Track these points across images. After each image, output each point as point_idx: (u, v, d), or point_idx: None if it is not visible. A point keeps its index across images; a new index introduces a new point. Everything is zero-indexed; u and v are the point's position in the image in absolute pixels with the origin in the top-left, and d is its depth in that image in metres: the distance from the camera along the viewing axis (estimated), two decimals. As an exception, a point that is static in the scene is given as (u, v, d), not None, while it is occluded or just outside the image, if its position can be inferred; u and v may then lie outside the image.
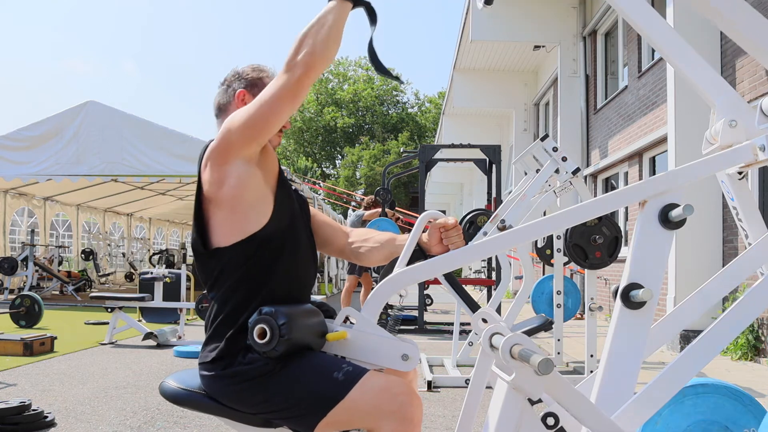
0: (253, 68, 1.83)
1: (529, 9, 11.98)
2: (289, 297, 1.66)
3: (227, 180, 1.62)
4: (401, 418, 1.49)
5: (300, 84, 1.51)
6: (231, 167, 1.61)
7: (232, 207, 1.63)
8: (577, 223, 1.64)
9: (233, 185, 1.61)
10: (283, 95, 1.53)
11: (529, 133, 16.18)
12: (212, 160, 1.64)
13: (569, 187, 4.66)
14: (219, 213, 1.65)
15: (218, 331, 1.64)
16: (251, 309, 1.58)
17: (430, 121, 40.43)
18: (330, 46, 1.52)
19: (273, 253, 1.65)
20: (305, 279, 1.76)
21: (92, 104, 10.10)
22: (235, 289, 1.63)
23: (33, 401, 3.43)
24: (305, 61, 1.50)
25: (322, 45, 1.51)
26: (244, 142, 1.59)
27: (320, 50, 1.51)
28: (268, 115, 1.55)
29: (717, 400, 1.92)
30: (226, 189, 1.62)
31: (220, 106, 1.83)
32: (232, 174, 1.61)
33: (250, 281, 1.63)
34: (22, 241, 13.20)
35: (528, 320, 1.69)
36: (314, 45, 1.50)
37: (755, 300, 1.55)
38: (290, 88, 1.52)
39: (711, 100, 1.63)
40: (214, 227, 1.66)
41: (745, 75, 6.45)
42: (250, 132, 1.57)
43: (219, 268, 1.65)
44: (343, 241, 1.93)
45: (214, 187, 1.64)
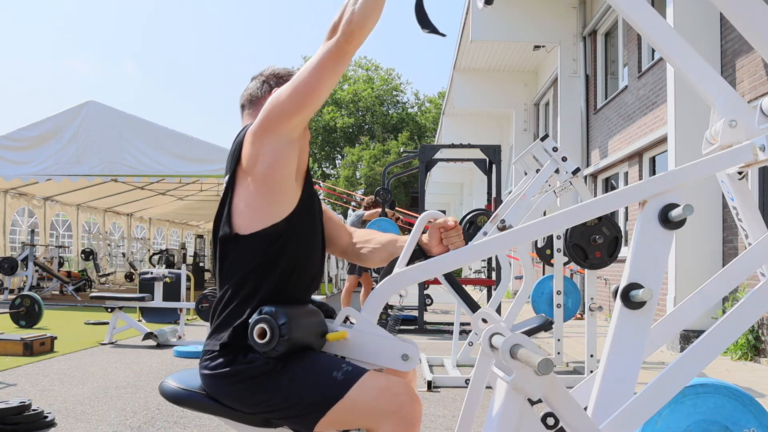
0: (289, 72, 1.84)
1: (529, 9, 11.98)
2: (297, 292, 1.67)
3: (266, 154, 1.61)
4: (401, 419, 1.49)
5: (341, 51, 1.51)
6: (272, 141, 1.61)
7: (263, 184, 1.63)
8: (577, 223, 1.64)
9: (270, 160, 1.61)
10: (326, 63, 1.52)
11: (529, 133, 16.18)
12: (255, 134, 1.63)
13: (569, 187, 4.66)
14: (247, 193, 1.64)
15: (227, 320, 1.62)
16: (260, 300, 1.58)
17: (430, 121, 40.43)
18: (370, 14, 1.50)
19: (291, 245, 1.65)
20: (317, 273, 1.76)
21: (92, 104, 10.10)
22: (250, 276, 1.63)
23: (33, 401, 3.43)
24: (345, 29, 1.49)
25: (361, 13, 1.49)
26: (289, 114, 1.58)
27: (359, 18, 1.49)
28: (312, 83, 1.54)
29: (717, 400, 1.92)
30: (262, 163, 1.62)
31: (251, 99, 1.83)
32: (271, 148, 1.61)
33: (265, 268, 1.63)
34: (22, 241, 13.21)
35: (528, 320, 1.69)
36: (353, 13, 1.49)
37: (756, 303, 1.55)
38: (332, 56, 1.51)
39: (711, 100, 1.63)
40: (237, 213, 1.65)
41: (745, 75, 6.45)
42: (295, 103, 1.57)
43: (237, 254, 1.65)
44: (346, 241, 1.93)
45: (251, 161, 1.63)
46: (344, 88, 40.48)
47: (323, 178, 39.51)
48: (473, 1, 11.35)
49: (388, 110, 40.89)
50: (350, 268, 7.84)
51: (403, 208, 18.47)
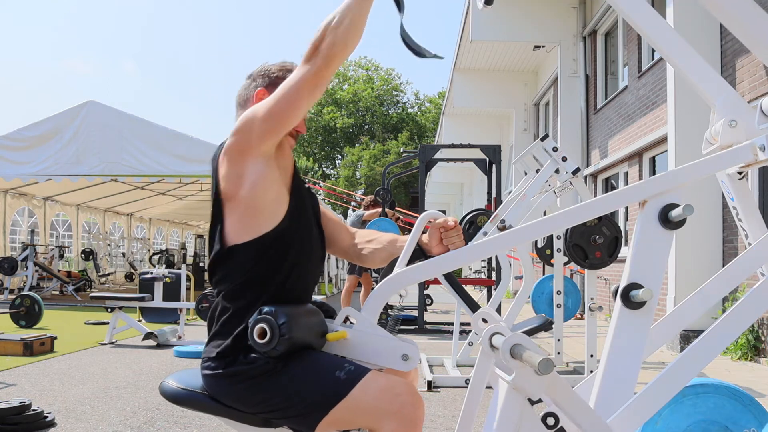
0: (279, 67, 1.80)
1: (529, 9, 11.98)
2: (297, 295, 1.66)
3: (245, 177, 1.61)
4: (403, 418, 1.49)
5: (319, 75, 1.50)
6: (249, 164, 1.60)
7: (249, 205, 1.62)
8: (577, 223, 1.64)
9: (251, 183, 1.61)
10: (303, 86, 1.51)
11: (529, 133, 16.18)
12: (230, 156, 1.63)
13: (569, 187, 4.66)
14: (235, 211, 1.64)
15: (225, 327, 1.63)
16: (260, 306, 1.58)
17: (430, 121, 40.44)
18: (351, 37, 1.50)
19: (286, 252, 1.65)
20: (314, 278, 1.76)
21: (92, 104, 10.10)
22: (246, 286, 1.63)
23: (33, 401, 3.43)
24: (325, 53, 1.48)
25: (343, 36, 1.48)
26: (264, 135, 1.58)
27: (341, 41, 1.48)
28: (288, 106, 1.54)
29: (717, 400, 1.92)
30: (244, 187, 1.61)
31: (240, 99, 1.82)
32: (250, 172, 1.60)
33: (260, 279, 1.63)
34: (22, 241, 13.21)
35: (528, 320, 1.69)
36: (335, 36, 1.48)
37: (755, 302, 1.55)
38: (309, 80, 1.50)
39: (711, 100, 1.63)
40: (229, 224, 1.65)
41: (745, 75, 6.45)
42: (269, 124, 1.56)
43: (231, 265, 1.65)
44: (348, 242, 1.93)
45: (232, 184, 1.63)
46: (344, 88, 40.49)
47: (323, 178, 39.51)
48: (473, 1, 11.35)
49: (388, 110, 40.90)
50: (350, 268, 7.83)
51: (403, 208, 18.47)
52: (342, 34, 1.48)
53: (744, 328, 1.56)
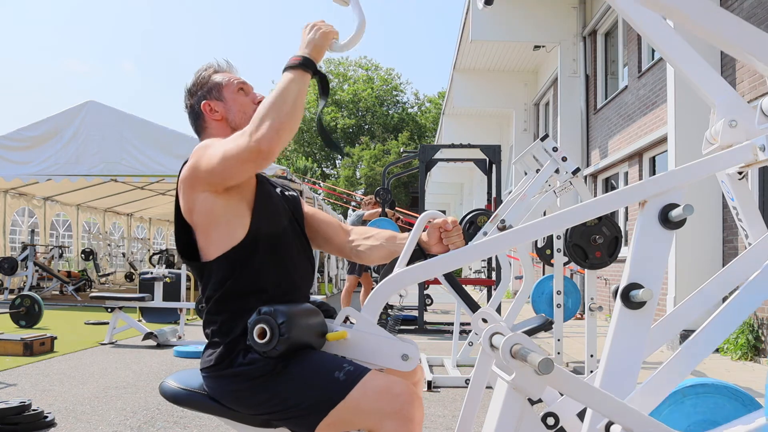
0: (199, 74, 1.84)
1: (529, 9, 11.98)
2: (283, 299, 1.66)
3: (196, 207, 1.65)
4: (402, 418, 1.49)
5: (264, 156, 1.51)
6: (199, 195, 1.64)
7: (206, 230, 1.66)
8: (577, 223, 1.63)
9: (203, 212, 1.64)
10: (246, 161, 1.53)
11: (529, 133, 16.18)
12: (183, 185, 1.67)
13: (569, 187, 4.65)
14: (197, 231, 1.68)
15: (216, 338, 1.65)
16: (246, 316, 1.58)
17: (430, 121, 40.43)
18: (295, 118, 1.54)
19: (259, 259, 1.66)
20: (299, 279, 1.75)
21: (92, 104, 10.10)
22: (227, 298, 1.65)
23: (33, 401, 3.43)
24: (270, 136, 1.50)
25: (288, 118, 1.52)
26: (209, 185, 1.62)
27: (287, 124, 1.52)
28: (230, 173, 1.57)
29: (717, 400, 1.92)
30: (196, 215, 1.66)
31: (197, 130, 1.85)
32: (200, 202, 1.64)
33: (240, 289, 1.64)
34: (22, 241, 13.20)
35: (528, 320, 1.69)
36: (281, 120, 1.51)
37: (752, 293, 1.55)
38: (253, 158, 1.52)
39: (711, 100, 1.63)
40: (199, 242, 1.69)
41: (745, 75, 6.45)
42: (213, 180, 1.60)
43: (209, 279, 1.68)
44: (342, 239, 1.92)
45: (187, 212, 1.68)
46: (344, 89, 40.47)
47: (323, 178, 39.51)
48: (473, 1, 11.35)
49: (388, 110, 40.89)
50: (350, 268, 7.83)
51: (403, 208, 18.48)
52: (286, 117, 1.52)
53: (739, 323, 1.56)
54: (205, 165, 1.60)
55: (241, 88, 1.81)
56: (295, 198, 1.87)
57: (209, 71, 1.83)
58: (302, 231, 1.83)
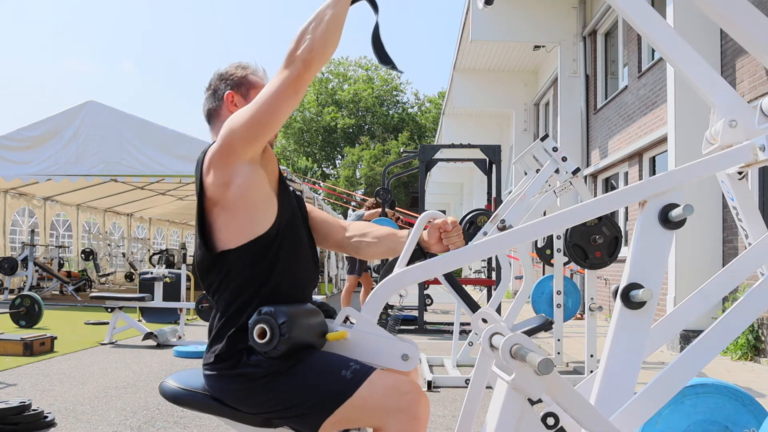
0: (235, 67, 1.83)
1: (529, 9, 11.98)
2: (291, 297, 1.66)
3: (233, 181, 1.60)
4: (409, 417, 1.49)
5: (300, 80, 1.50)
6: (236, 169, 1.60)
7: (238, 209, 1.62)
8: (577, 223, 1.63)
9: (240, 187, 1.60)
10: (284, 92, 1.52)
11: (529, 133, 16.18)
12: (215, 163, 1.63)
13: (569, 187, 4.65)
14: (224, 215, 1.64)
15: (220, 332, 1.63)
16: (253, 309, 1.58)
17: (430, 121, 40.42)
18: (329, 41, 1.50)
19: (277, 254, 1.65)
20: (307, 279, 1.76)
21: (92, 104, 10.10)
22: (240, 291, 1.63)
23: (33, 401, 3.43)
24: (304, 57, 1.49)
25: (321, 41, 1.49)
26: (248, 142, 1.58)
27: (319, 46, 1.49)
28: (270, 112, 1.54)
29: (717, 400, 1.92)
30: (232, 191, 1.61)
31: (210, 112, 1.83)
32: (237, 175, 1.60)
33: (254, 283, 1.63)
34: (22, 241, 13.20)
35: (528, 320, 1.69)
36: (313, 41, 1.49)
37: (755, 301, 1.54)
38: (290, 85, 1.51)
39: (711, 100, 1.63)
40: (218, 230, 1.65)
41: (745, 75, 6.45)
42: (253, 131, 1.56)
43: (224, 271, 1.65)
44: (340, 236, 1.92)
45: (220, 190, 1.62)
46: (344, 89, 40.47)
47: (323, 178, 39.50)
48: (473, 1, 11.35)
49: (388, 110, 40.88)
50: (350, 268, 7.83)
51: (403, 208, 18.47)
52: (320, 38, 1.49)
53: (743, 328, 1.55)
54: (243, 119, 1.56)
55: None
56: (300, 197, 1.88)
57: (246, 70, 1.83)
58: (309, 229, 1.83)
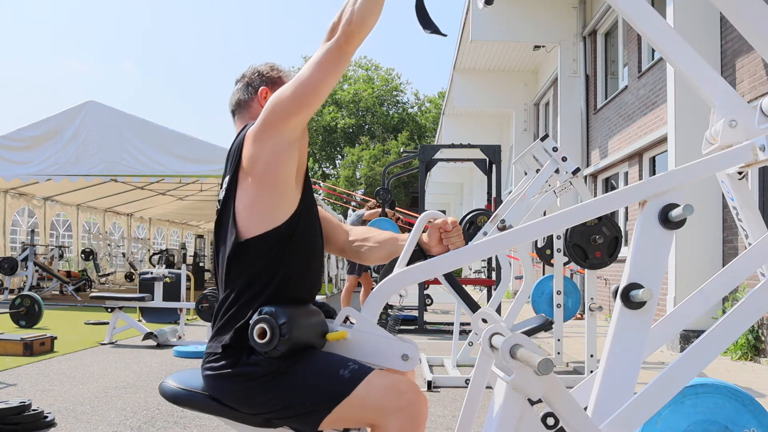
0: (271, 68, 1.87)
1: (529, 9, 11.98)
2: (300, 294, 1.67)
3: (266, 153, 1.61)
4: (408, 416, 1.49)
5: (342, 51, 1.53)
6: (272, 141, 1.61)
7: (265, 187, 1.63)
8: (577, 223, 1.63)
9: (272, 162, 1.61)
10: (327, 63, 1.54)
11: (529, 133, 16.18)
12: (256, 135, 1.63)
13: (569, 187, 4.66)
14: (250, 193, 1.64)
15: (229, 322, 1.62)
16: (261, 303, 1.58)
17: (430, 121, 40.43)
18: (368, 14, 1.52)
19: (293, 248, 1.65)
20: (316, 277, 1.76)
21: (92, 104, 10.10)
22: (252, 282, 1.63)
23: (33, 401, 3.43)
24: (345, 29, 1.51)
25: (360, 14, 1.51)
26: (290, 114, 1.59)
27: (358, 19, 1.51)
28: (313, 85, 1.56)
29: (717, 400, 1.92)
30: (265, 164, 1.62)
31: (239, 103, 1.84)
32: (273, 151, 1.61)
33: (266, 275, 1.63)
34: (22, 241, 13.20)
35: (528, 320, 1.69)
36: (353, 14, 1.51)
37: (755, 303, 1.54)
38: (333, 56, 1.53)
39: (711, 100, 1.63)
40: (240, 215, 1.65)
41: (745, 75, 6.45)
42: (295, 103, 1.58)
43: (244, 261, 1.64)
44: (343, 239, 1.93)
45: (254, 161, 1.63)
46: (344, 88, 40.48)
47: (323, 178, 39.52)
48: (473, 1, 11.35)
49: (388, 110, 40.89)
50: (350, 268, 7.83)
51: (403, 208, 18.48)
52: (359, 11, 1.51)
53: (744, 329, 1.55)
54: (288, 91, 1.58)
55: None
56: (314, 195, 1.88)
57: (281, 73, 1.87)
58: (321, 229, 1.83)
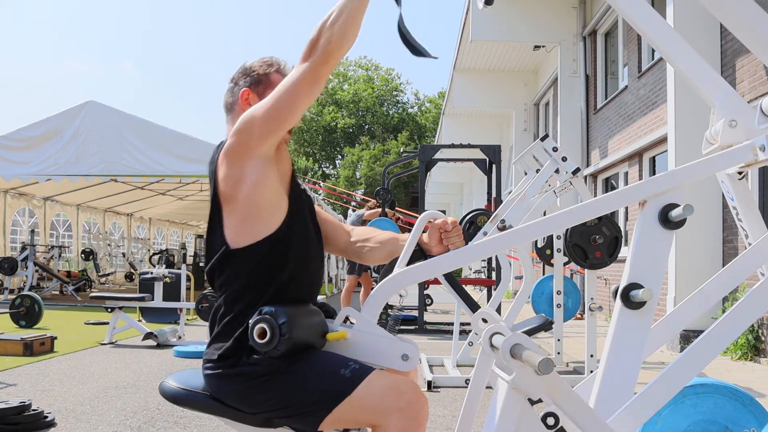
0: (261, 63, 1.81)
1: (529, 9, 11.98)
2: (299, 297, 1.66)
3: (245, 178, 1.60)
4: (408, 416, 1.49)
5: (317, 73, 1.51)
6: (249, 165, 1.60)
7: (247, 207, 1.62)
8: (577, 223, 1.63)
9: (251, 184, 1.60)
10: (301, 85, 1.52)
11: (529, 133, 16.18)
12: (229, 157, 1.62)
13: (569, 187, 4.66)
14: (234, 213, 1.64)
15: (226, 330, 1.63)
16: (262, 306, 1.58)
17: (430, 121, 40.43)
18: (347, 34, 1.51)
19: (285, 255, 1.65)
20: (315, 279, 1.76)
21: (92, 104, 10.10)
22: (246, 289, 1.63)
23: (33, 401, 3.43)
24: (322, 50, 1.49)
25: (339, 33, 1.49)
26: (263, 136, 1.58)
27: (337, 39, 1.49)
28: (287, 106, 1.54)
29: (717, 400, 1.92)
30: (244, 188, 1.61)
31: (227, 105, 1.83)
32: (250, 172, 1.60)
33: (261, 282, 1.63)
34: (22, 241, 13.20)
35: (528, 320, 1.69)
36: (332, 33, 1.49)
37: (755, 302, 1.54)
38: (308, 78, 1.51)
39: (711, 100, 1.63)
40: (228, 227, 1.65)
41: (745, 75, 6.45)
42: (269, 125, 1.56)
43: (232, 268, 1.65)
44: (345, 240, 1.93)
45: (230, 185, 1.62)
46: (344, 89, 40.48)
47: (323, 178, 39.50)
48: (473, 1, 11.35)
49: (388, 110, 40.89)
50: (350, 268, 7.83)
51: (403, 208, 18.47)
52: (338, 31, 1.49)
53: (744, 329, 1.56)
54: (260, 112, 1.56)
55: None
56: (309, 196, 1.87)
57: (271, 67, 1.80)
58: (318, 230, 1.83)
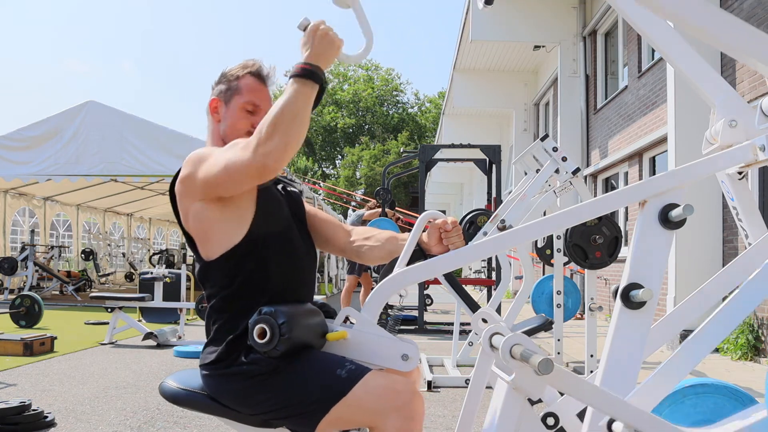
0: (238, 66, 1.81)
1: (529, 9, 11.98)
2: (287, 299, 1.66)
3: (190, 216, 1.66)
4: (404, 416, 1.49)
5: (270, 171, 1.49)
6: (193, 205, 1.65)
7: (203, 236, 1.67)
8: (577, 223, 1.63)
9: (198, 220, 1.66)
10: (250, 176, 1.52)
11: (529, 133, 16.18)
12: (177, 194, 1.69)
13: (569, 187, 4.65)
14: (195, 230, 1.69)
15: (219, 335, 1.65)
16: (249, 314, 1.58)
17: (430, 121, 40.43)
18: (302, 132, 1.51)
19: (262, 260, 1.66)
20: (302, 280, 1.76)
21: (92, 104, 10.10)
22: (230, 297, 1.65)
23: (33, 401, 3.43)
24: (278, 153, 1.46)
25: (296, 133, 1.48)
26: (203, 195, 1.62)
27: (294, 139, 1.48)
28: (230, 185, 1.57)
29: (717, 400, 1.92)
30: (192, 223, 1.67)
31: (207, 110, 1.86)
32: (194, 211, 1.65)
33: (243, 288, 1.65)
34: (22, 241, 13.20)
35: (528, 320, 1.69)
36: (288, 135, 1.46)
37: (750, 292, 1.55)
38: (258, 174, 1.50)
39: (711, 100, 1.63)
40: (198, 242, 1.70)
41: (745, 75, 6.45)
42: (209, 191, 1.61)
43: (212, 278, 1.68)
44: (344, 240, 1.92)
45: (183, 220, 1.69)
46: (344, 89, 40.47)
47: (323, 178, 39.50)
48: (473, 1, 11.35)
49: (388, 110, 40.88)
50: (350, 268, 7.83)
51: (403, 208, 18.48)
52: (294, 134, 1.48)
53: (738, 322, 1.56)
54: (203, 175, 1.59)
55: (248, 109, 1.77)
56: (296, 195, 1.87)
57: (245, 71, 1.79)
58: (305, 229, 1.83)
